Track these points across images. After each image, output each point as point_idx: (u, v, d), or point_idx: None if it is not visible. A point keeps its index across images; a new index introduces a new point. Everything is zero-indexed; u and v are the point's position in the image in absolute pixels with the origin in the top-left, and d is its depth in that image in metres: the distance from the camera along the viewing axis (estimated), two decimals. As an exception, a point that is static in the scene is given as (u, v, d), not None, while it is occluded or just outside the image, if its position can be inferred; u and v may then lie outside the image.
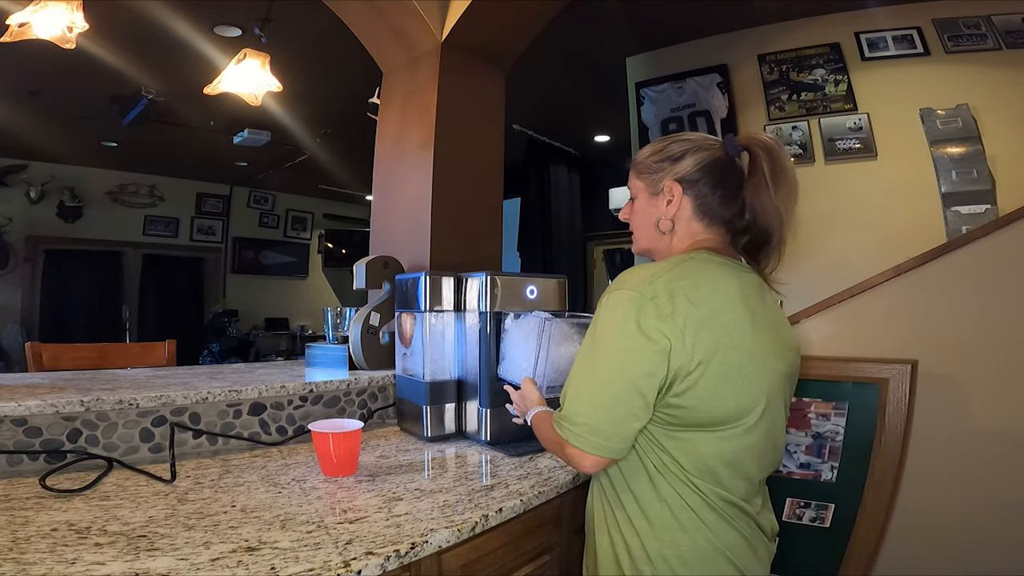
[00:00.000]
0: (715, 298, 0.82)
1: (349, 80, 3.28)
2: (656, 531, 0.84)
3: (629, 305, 0.81)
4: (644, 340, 0.79)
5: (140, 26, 2.92)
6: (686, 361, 0.78)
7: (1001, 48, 2.43)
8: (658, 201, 0.96)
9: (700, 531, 0.83)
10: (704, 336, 0.79)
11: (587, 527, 0.99)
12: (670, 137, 0.97)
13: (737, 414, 0.82)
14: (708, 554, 0.83)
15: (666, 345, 0.78)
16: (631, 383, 0.80)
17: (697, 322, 0.79)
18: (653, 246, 0.99)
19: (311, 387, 1.45)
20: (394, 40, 2.07)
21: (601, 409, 0.81)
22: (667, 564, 0.83)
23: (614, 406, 0.81)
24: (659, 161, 0.95)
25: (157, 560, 0.72)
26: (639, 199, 0.99)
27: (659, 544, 0.83)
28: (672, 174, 0.93)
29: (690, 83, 3.11)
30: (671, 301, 0.79)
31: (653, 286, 0.81)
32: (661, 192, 0.95)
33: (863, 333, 1.65)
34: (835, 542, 1.51)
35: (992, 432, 1.45)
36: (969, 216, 2.35)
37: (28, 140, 4.72)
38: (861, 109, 2.67)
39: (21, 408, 1.07)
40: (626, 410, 0.80)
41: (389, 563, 0.76)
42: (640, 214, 0.99)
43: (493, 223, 2.13)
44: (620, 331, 0.81)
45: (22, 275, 5.48)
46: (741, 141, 0.91)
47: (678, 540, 0.83)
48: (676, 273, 0.83)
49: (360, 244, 7.35)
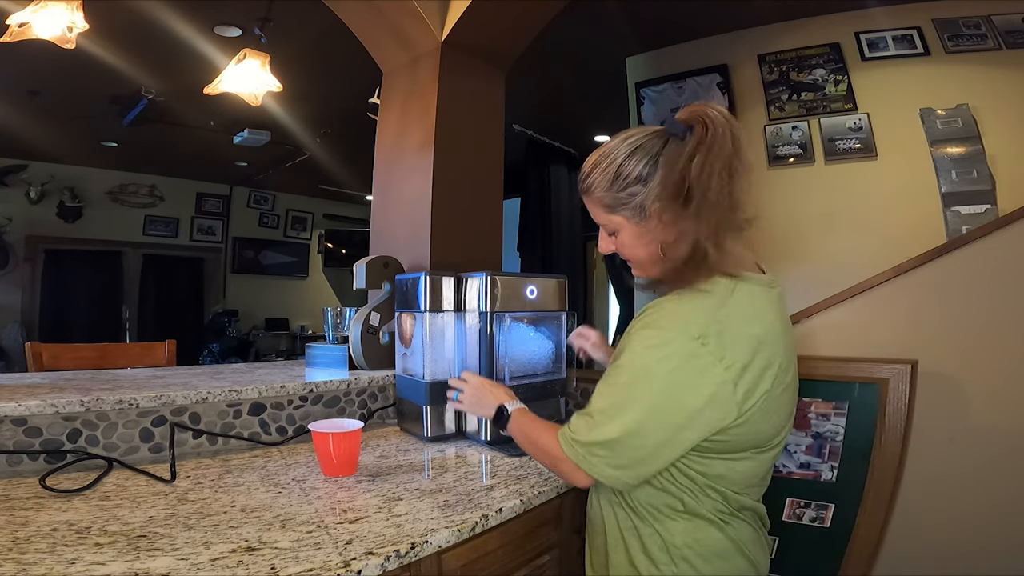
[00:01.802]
0: (769, 334, 0.79)
1: (349, 80, 3.28)
2: (676, 536, 0.84)
3: (681, 350, 0.76)
4: (694, 392, 0.75)
5: (140, 26, 2.92)
6: (738, 404, 0.76)
7: (1001, 48, 2.43)
8: (651, 226, 0.84)
9: (721, 529, 0.84)
10: (758, 379, 0.77)
11: (591, 527, 0.98)
12: (612, 155, 0.85)
13: (768, 439, 0.83)
14: (727, 550, 0.84)
15: (722, 394, 0.75)
16: (670, 432, 0.77)
17: (751, 365, 0.77)
18: (667, 273, 0.85)
19: (311, 387, 1.45)
20: (394, 40, 2.06)
21: (630, 451, 0.78)
22: (689, 564, 0.83)
23: (643, 449, 0.78)
24: (624, 188, 0.84)
25: (157, 560, 0.72)
26: (625, 232, 0.87)
27: (682, 542, 0.84)
28: (652, 196, 0.81)
29: (690, 83, 3.11)
30: (728, 344, 0.76)
31: (708, 328, 0.76)
32: (650, 216, 0.83)
33: (863, 333, 1.65)
34: (835, 542, 1.51)
35: (992, 432, 1.45)
36: (969, 216, 2.35)
37: (28, 140, 4.72)
38: (861, 109, 2.67)
39: (21, 408, 1.07)
40: (654, 456, 0.78)
41: (389, 563, 0.76)
42: (635, 246, 0.88)
43: (493, 223, 2.13)
44: (667, 379, 0.76)
45: (22, 275, 5.47)
46: (684, 117, 0.81)
47: (700, 539, 0.83)
48: (730, 311, 0.78)
49: (360, 244, 7.35)
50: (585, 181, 0.89)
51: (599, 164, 0.87)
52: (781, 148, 2.82)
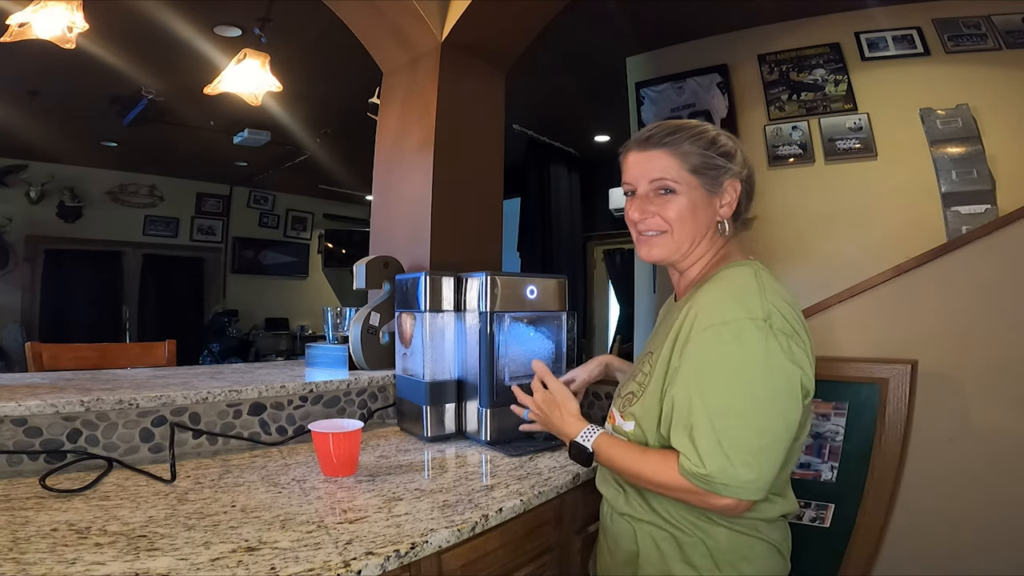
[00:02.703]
0: (797, 308, 0.81)
1: (349, 80, 3.28)
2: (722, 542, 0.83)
3: (760, 334, 0.74)
4: (789, 371, 0.74)
5: (140, 26, 2.92)
6: (810, 380, 0.77)
7: (1001, 48, 2.43)
8: (714, 201, 0.87)
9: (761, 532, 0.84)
10: (812, 352, 0.79)
11: (613, 544, 0.94)
12: (701, 127, 0.88)
13: (802, 423, 0.82)
14: (768, 551, 0.84)
15: (802, 369, 0.75)
16: (785, 420, 0.75)
17: (808, 337, 0.78)
18: (694, 251, 0.88)
19: (311, 387, 1.45)
20: (394, 40, 2.06)
21: (762, 453, 0.74)
22: (733, 567, 0.82)
23: (772, 448, 0.75)
24: (716, 156, 0.86)
25: (157, 560, 0.72)
26: (692, 196, 0.86)
27: (727, 546, 0.83)
28: (734, 173, 0.87)
29: (690, 83, 3.11)
30: (789, 320, 0.76)
31: (767, 308, 0.75)
32: (722, 191, 0.87)
33: (863, 333, 1.65)
34: (835, 542, 1.51)
35: (992, 432, 1.45)
36: (969, 216, 2.35)
37: (28, 140, 4.72)
38: (861, 109, 2.67)
39: (21, 408, 1.07)
40: (782, 449, 0.76)
41: (389, 563, 0.76)
42: (696, 214, 0.86)
43: (493, 223, 2.13)
44: (762, 366, 0.73)
45: (22, 275, 5.47)
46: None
47: (743, 543, 0.83)
48: (770, 290, 0.78)
49: (360, 244, 7.35)
50: (670, 136, 0.87)
51: (685, 128, 0.88)
52: (781, 148, 2.82)
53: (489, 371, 1.32)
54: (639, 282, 3.68)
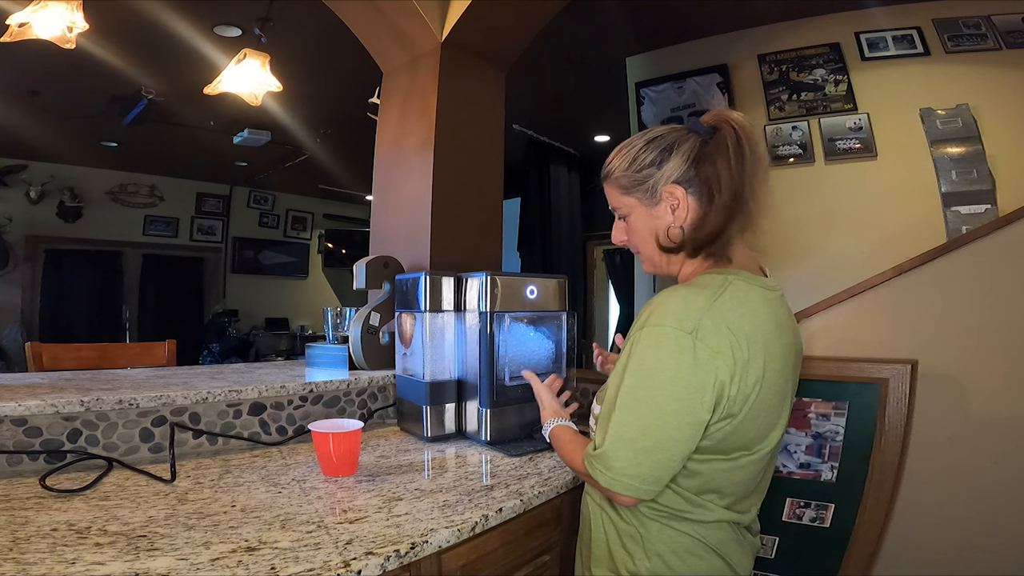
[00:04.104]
0: (759, 332, 0.79)
1: (349, 80, 3.28)
2: (652, 533, 0.86)
3: (678, 346, 0.75)
4: (695, 386, 0.75)
5: (140, 26, 2.92)
6: (732, 402, 0.77)
7: (1001, 48, 2.43)
8: (659, 211, 0.87)
9: (695, 531, 0.85)
10: (749, 377, 0.77)
11: (582, 522, 1.00)
12: (632, 143, 0.90)
13: (755, 442, 0.82)
14: (701, 549, 0.85)
15: (717, 389, 0.75)
16: (678, 431, 0.76)
17: (745, 361, 0.76)
18: (665, 264, 0.91)
19: (311, 387, 1.45)
20: (394, 40, 2.06)
21: (643, 453, 0.77)
22: (662, 560, 0.85)
23: (657, 451, 0.77)
24: (640, 170, 0.88)
25: (157, 560, 0.72)
26: (635, 215, 0.91)
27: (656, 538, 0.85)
28: (665, 177, 0.86)
29: (690, 83, 3.11)
30: (722, 338, 0.75)
31: (701, 322, 0.75)
32: (660, 200, 0.87)
33: (863, 333, 1.65)
34: (835, 542, 1.51)
35: (993, 432, 1.45)
36: (969, 216, 2.35)
37: (28, 140, 4.72)
38: (861, 109, 2.67)
39: (21, 408, 1.07)
40: (669, 456, 0.77)
41: (389, 563, 0.76)
42: (642, 231, 0.91)
43: (493, 223, 2.13)
44: (670, 375, 0.75)
45: (22, 275, 5.47)
46: (709, 120, 0.86)
47: (673, 537, 0.85)
48: (722, 305, 0.77)
49: (360, 244, 7.35)
50: (607, 167, 0.94)
51: (620, 151, 0.93)
52: (781, 148, 2.82)
53: (489, 371, 1.32)
54: (639, 282, 3.69)
